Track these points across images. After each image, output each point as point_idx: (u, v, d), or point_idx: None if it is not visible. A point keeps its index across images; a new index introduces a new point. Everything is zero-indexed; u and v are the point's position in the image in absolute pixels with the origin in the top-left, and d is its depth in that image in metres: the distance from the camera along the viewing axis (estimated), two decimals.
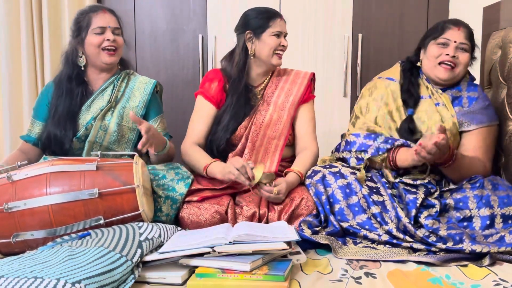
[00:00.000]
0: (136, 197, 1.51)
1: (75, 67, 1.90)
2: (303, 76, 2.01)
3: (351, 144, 1.83)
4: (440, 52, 1.80)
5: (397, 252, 1.51)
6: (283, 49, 1.92)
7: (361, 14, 2.83)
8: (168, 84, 2.83)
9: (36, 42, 2.83)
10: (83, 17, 1.87)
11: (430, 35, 1.86)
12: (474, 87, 1.85)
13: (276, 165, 1.89)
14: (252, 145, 1.90)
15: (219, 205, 1.68)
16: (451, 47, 1.78)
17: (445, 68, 1.79)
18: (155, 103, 1.98)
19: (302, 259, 1.41)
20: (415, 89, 1.85)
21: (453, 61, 1.78)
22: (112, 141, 1.89)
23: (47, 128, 1.87)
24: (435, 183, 1.73)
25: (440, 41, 1.81)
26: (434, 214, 1.62)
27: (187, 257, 1.34)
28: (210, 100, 1.95)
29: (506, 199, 1.60)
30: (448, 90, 1.86)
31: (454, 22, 1.84)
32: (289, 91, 1.97)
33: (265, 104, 1.95)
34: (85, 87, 1.92)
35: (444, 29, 1.81)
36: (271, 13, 1.91)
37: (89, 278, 1.13)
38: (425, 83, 1.87)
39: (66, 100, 1.87)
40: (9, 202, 1.45)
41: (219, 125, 1.91)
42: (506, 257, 1.46)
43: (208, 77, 2.00)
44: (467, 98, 1.82)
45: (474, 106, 1.80)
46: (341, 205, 1.66)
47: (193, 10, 2.92)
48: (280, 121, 1.92)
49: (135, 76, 1.99)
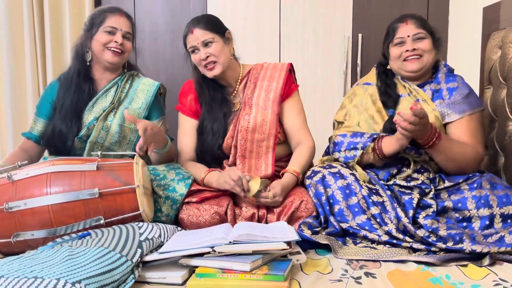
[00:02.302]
0: (137, 197, 1.51)
1: (83, 62, 1.91)
2: (280, 69, 1.94)
3: (339, 144, 1.84)
4: (400, 51, 1.83)
5: (397, 252, 1.51)
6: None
7: (361, 14, 2.84)
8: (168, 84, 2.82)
9: (37, 41, 2.85)
10: (99, 15, 1.89)
11: (386, 41, 1.91)
12: (453, 77, 1.86)
13: (272, 168, 1.85)
14: (243, 154, 1.86)
15: (218, 206, 1.68)
16: (408, 43, 1.81)
17: (411, 61, 1.81)
18: (158, 105, 1.99)
19: (302, 259, 1.41)
20: (392, 90, 1.86)
21: (415, 53, 1.81)
22: (114, 142, 1.89)
23: (53, 122, 1.88)
24: (429, 182, 1.72)
25: (396, 42, 1.85)
26: (431, 214, 1.61)
27: (187, 257, 1.34)
28: (188, 114, 1.95)
29: (504, 199, 1.60)
30: (427, 85, 1.86)
31: (400, 19, 1.88)
32: (268, 87, 1.91)
33: (247, 107, 1.89)
34: (92, 85, 1.92)
35: (395, 29, 1.86)
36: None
37: (89, 278, 1.13)
38: (402, 82, 1.88)
39: (74, 94, 1.88)
40: (10, 201, 1.45)
41: (203, 134, 1.90)
42: (506, 257, 1.46)
43: (182, 91, 2.00)
44: (447, 89, 1.83)
45: (455, 96, 1.80)
46: (341, 206, 1.66)
47: (193, 10, 2.92)
48: (265, 121, 1.87)
49: (139, 78, 1.99)
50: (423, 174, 1.74)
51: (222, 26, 1.89)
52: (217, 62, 1.84)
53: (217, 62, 1.84)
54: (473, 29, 2.41)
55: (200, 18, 1.86)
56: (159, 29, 2.96)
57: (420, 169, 1.76)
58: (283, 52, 2.88)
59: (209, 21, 1.85)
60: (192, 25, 1.85)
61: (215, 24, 1.87)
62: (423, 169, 1.76)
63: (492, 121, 2.02)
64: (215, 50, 1.82)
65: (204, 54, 1.82)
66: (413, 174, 1.75)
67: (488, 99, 2.06)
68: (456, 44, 2.75)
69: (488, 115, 2.04)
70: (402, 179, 1.74)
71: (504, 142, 1.90)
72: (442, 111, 1.79)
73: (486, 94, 2.09)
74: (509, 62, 1.89)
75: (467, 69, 2.48)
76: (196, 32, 1.82)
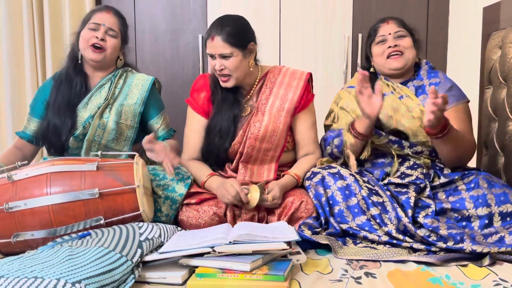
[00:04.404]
0: (137, 197, 1.51)
1: (75, 61, 1.92)
2: (299, 77, 1.89)
3: (327, 139, 1.88)
4: (382, 49, 1.87)
5: (397, 252, 1.51)
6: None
7: (361, 14, 2.84)
8: (168, 84, 2.83)
9: (37, 41, 2.86)
10: (89, 13, 1.92)
11: (368, 41, 1.95)
12: (435, 73, 1.90)
13: (274, 174, 1.84)
14: (247, 160, 1.83)
15: (217, 207, 1.68)
16: (389, 39, 1.86)
17: (394, 58, 1.85)
18: (155, 100, 1.97)
19: (302, 259, 1.41)
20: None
21: (397, 49, 1.84)
22: (111, 139, 1.88)
23: (46, 117, 1.87)
24: (423, 176, 1.72)
25: (378, 40, 1.89)
26: (431, 213, 1.62)
27: (187, 257, 1.34)
28: (199, 112, 1.89)
29: (502, 197, 1.60)
30: (410, 82, 1.89)
31: (381, 20, 1.93)
32: (284, 97, 1.85)
33: (259, 113, 1.83)
34: (85, 79, 1.92)
35: (376, 29, 1.91)
36: None
37: (89, 278, 1.14)
38: (385, 82, 1.89)
39: (66, 89, 1.88)
40: (10, 202, 1.45)
41: (210, 134, 1.85)
42: (506, 257, 1.46)
43: (196, 87, 1.92)
44: (429, 85, 1.86)
45: (438, 90, 1.80)
46: (341, 207, 1.66)
47: (193, 10, 2.92)
48: (276, 132, 1.82)
49: (133, 74, 1.98)
50: (417, 170, 1.74)
51: (245, 38, 1.78)
52: (231, 76, 1.77)
53: (231, 76, 1.77)
54: (473, 29, 2.41)
55: (225, 25, 1.74)
56: (159, 29, 2.96)
57: (413, 165, 1.77)
58: (283, 52, 2.88)
59: (232, 33, 1.73)
60: (215, 31, 1.74)
61: (239, 36, 1.75)
62: (416, 165, 1.76)
63: (492, 121, 2.02)
64: (231, 65, 1.75)
65: (219, 65, 1.75)
66: (406, 171, 1.75)
67: (488, 99, 2.06)
68: (456, 44, 2.75)
69: (488, 115, 2.04)
70: (396, 176, 1.74)
71: (504, 142, 1.90)
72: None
73: (486, 94, 2.09)
74: (509, 62, 1.89)
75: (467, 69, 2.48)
76: (216, 41, 1.73)
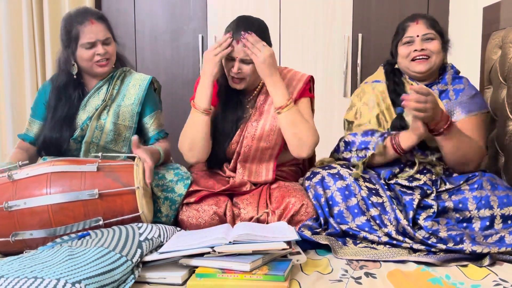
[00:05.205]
0: (136, 198, 1.51)
1: (69, 75, 1.87)
2: (298, 79, 1.86)
3: (350, 144, 1.83)
4: (408, 51, 1.82)
5: (397, 252, 1.51)
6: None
7: (361, 14, 2.84)
8: (168, 84, 2.83)
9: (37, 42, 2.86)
10: (71, 28, 1.81)
11: (395, 39, 1.90)
12: (460, 79, 1.87)
13: (273, 174, 1.83)
14: (244, 160, 1.83)
15: (217, 207, 1.67)
16: (417, 42, 1.81)
17: (419, 61, 1.81)
18: (151, 99, 1.95)
19: (302, 259, 1.41)
20: (401, 88, 1.86)
21: (423, 53, 1.80)
22: (109, 141, 1.88)
23: (43, 132, 1.85)
24: (431, 183, 1.72)
25: (405, 41, 1.84)
26: (432, 215, 1.61)
27: (187, 257, 1.34)
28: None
29: (505, 199, 1.60)
30: (434, 85, 1.86)
31: (411, 18, 1.87)
32: None
33: (257, 113, 1.83)
34: (82, 89, 1.90)
35: (405, 28, 1.85)
36: None
37: (89, 278, 1.13)
38: (409, 81, 1.88)
39: (65, 105, 1.86)
40: (9, 201, 1.45)
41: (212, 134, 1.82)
42: (506, 257, 1.46)
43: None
44: (453, 91, 1.84)
45: (462, 96, 1.81)
46: (340, 208, 1.66)
47: (193, 10, 2.92)
48: (273, 131, 1.81)
49: (131, 74, 1.97)
50: (426, 175, 1.73)
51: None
52: (244, 79, 1.78)
53: (245, 79, 1.78)
54: (473, 29, 2.41)
55: (250, 29, 1.73)
56: (159, 29, 2.96)
57: (423, 170, 1.76)
58: (283, 52, 2.88)
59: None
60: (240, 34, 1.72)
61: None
62: (426, 170, 1.76)
63: (492, 121, 2.02)
64: (249, 70, 1.75)
65: (237, 68, 1.75)
66: (415, 175, 1.74)
67: (488, 99, 2.06)
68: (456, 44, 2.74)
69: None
70: (404, 178, 1.73)
71: (504, 142, 1.90)
72: (449, 109, 1.79)
73: (486, 94, 2.09)
74: (509, 62, 1.89)
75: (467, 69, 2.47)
76: (240, 46, 1.72)
